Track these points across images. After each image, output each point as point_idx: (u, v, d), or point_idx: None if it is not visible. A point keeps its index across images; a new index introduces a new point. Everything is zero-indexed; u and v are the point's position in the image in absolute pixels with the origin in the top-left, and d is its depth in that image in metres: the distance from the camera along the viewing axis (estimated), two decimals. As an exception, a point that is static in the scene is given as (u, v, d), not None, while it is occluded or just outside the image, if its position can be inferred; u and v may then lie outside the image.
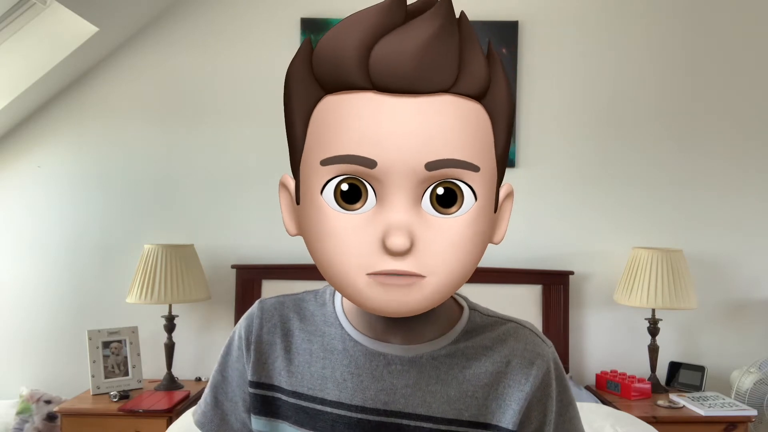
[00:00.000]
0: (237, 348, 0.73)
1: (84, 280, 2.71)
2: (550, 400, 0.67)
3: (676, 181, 2.74)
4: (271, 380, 0.71)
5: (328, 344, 0.69)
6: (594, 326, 2.73)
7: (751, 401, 2.38)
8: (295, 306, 0.73)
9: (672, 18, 2.76)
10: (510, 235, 2.71)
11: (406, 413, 0.65)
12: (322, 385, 0.68)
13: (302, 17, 2.68)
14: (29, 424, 2.48)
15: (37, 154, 2.72)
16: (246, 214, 2.69)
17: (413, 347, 0.66)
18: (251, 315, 0.74)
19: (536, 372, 0.67)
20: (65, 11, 2.33)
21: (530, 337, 0.69)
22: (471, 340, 0.68)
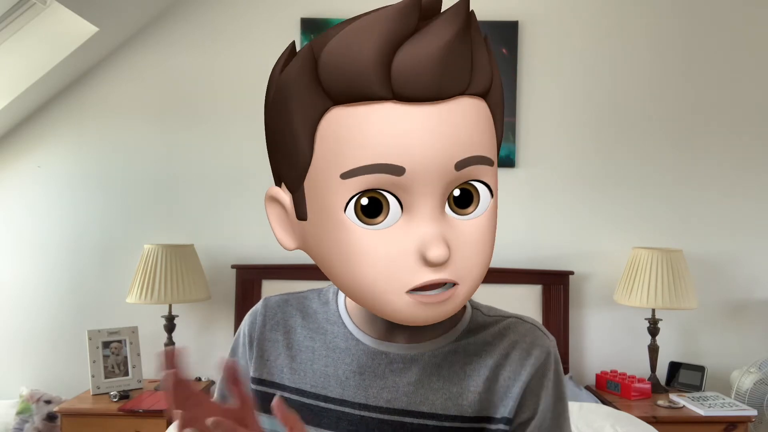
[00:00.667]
0: (242, 345, 0.74)
1: (84, 280, 2.71)
2: (545, 390, 0.67)
3: (676, 181, 2.74)
4: (272, 377, 0.71)
5: (330, 342, 0.69)
6: (594, 326, 2.73)
7: (751, 401, 2.38)
8: (299, 304, 0.74)
9: (672, 19, 2.76)
10: (510, 235, 2.69)
11: (409, 411, 0.65)
12: (325, 382, 0.68)
13: (302, 17, 2.68)
14: (29, 424, 2.48)
15: (37, 154, 2.72)
16: (246, 214, 2.69)
17: (415, 345, 0.67)
18: (255, 312, 0.75)
19: (534, 361, 0.66)
20: (65, 11, 2.33)
21: (530, 330, 0.69)
22: (473, 337, 0.68)
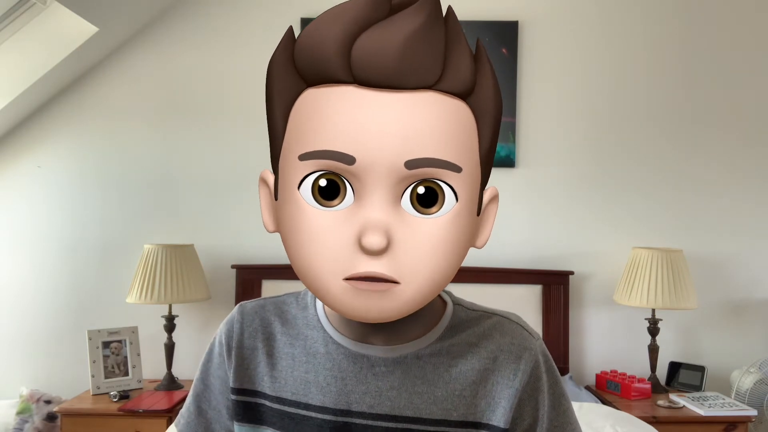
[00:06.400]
0: (218, 354, 0.72)
1: (84, 280, 2.71)
2: (541, 394, 0.66)
3: (676, 181, 2.74)
4: (254, 386, 0.69)
5: (310, 348, 0.68)
6: (594, 326, 2.73)
7: (751, 401, 2.38)
8: (277, 309, 0.71)
9: (671, 19, 2.76)
10: (510, 235, 2.69)
11: (393, 416, 0.64)
12: (306, 389, 0.66)
13: (302, 17, 2.68)
14: (29, 424, 2.48)
15: (37, 154, 2.72)
16: (246, 214, 2.69)
17: (397, 347, 0.65)
18: (231, 320, 0.72)
19: (524, 366, 0.65)
20: (65, 11, 2.33)
21: (516, 331, 0.67)
22: (456, 336, 0.66)
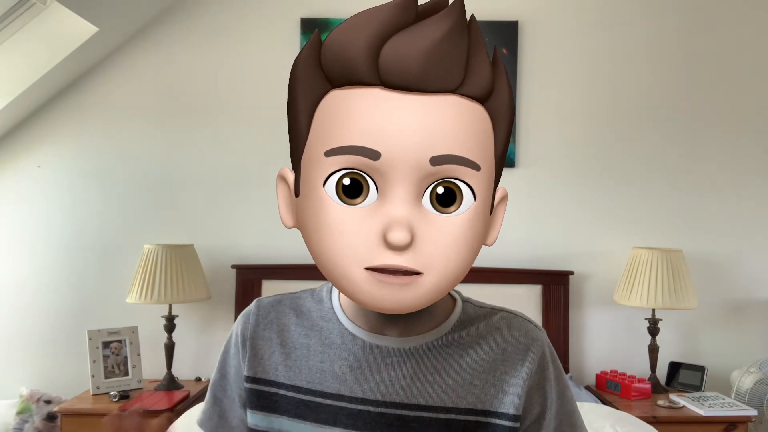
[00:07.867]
0: (234, 345, 0.75)
1: (84, 280, 2.71)
2: (549, 383, 0.69)
3: (676, 181, 2.74)
4: (267, 375, 0.72)
5: (326, 338, 0.70)
6: (594, 326, 2.73)
7: (751, 401, 2.38)
8: (292, 303, 0.75)
9: (671, 19, 2.76)
10: (510, 235, 2.68)
11: (405, 404, 0.66)
12: (322, 378, 0.69)
13: (302, 17, 2.68)
14: (29, 424, 2.48)
15: (37, 154, 2.72)
16: (246, 214, 2.69)
17: (410, 339, 0.68)
18: (248, 313, 0.75)
19: (532, 356, 0.69)
20: (65, 11, 2.33)
21: (523, 324, 0.71)
22: (466, 330, 0.69)
